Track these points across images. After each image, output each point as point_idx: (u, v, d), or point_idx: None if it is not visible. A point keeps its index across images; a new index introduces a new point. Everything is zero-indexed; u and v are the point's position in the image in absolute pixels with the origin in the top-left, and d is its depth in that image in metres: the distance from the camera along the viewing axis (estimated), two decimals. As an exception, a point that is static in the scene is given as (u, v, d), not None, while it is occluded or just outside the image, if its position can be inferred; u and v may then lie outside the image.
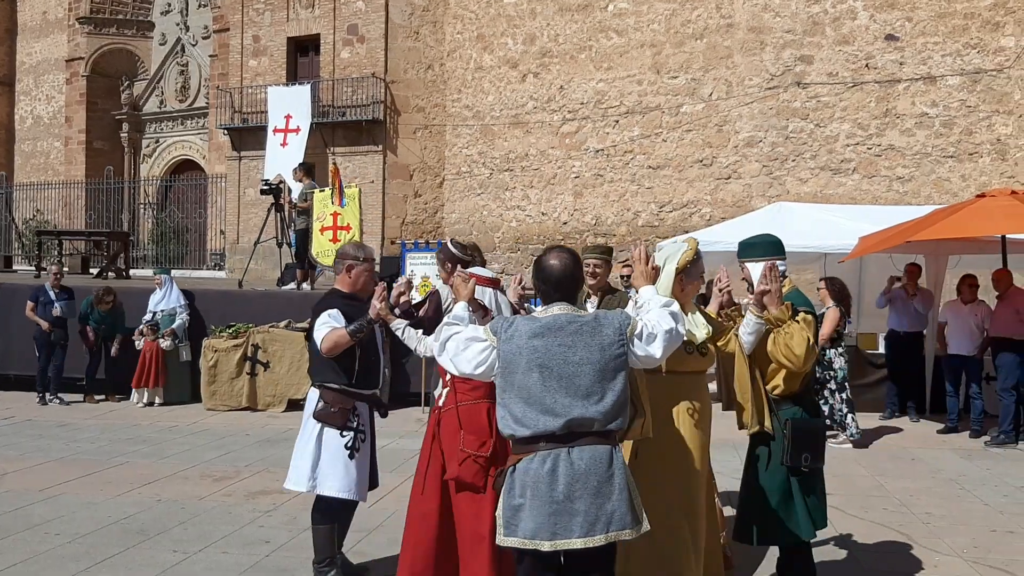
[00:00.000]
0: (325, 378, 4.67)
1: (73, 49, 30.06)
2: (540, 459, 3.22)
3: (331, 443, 4.62)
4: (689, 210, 18.15)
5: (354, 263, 4.84)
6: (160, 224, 27.88)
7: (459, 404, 4.33)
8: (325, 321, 4.59)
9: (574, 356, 3.25)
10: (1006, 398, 9.16)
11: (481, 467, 4.20)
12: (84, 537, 5.64)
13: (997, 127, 15.81)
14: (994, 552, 5.60)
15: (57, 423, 9.71)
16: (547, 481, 3.20)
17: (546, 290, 3.43)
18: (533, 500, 3.20)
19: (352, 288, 4.84)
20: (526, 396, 3.26)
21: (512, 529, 3.24)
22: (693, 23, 18.21)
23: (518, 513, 3.23)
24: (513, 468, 3.28)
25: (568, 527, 3.18)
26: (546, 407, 3.23)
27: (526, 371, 3.25)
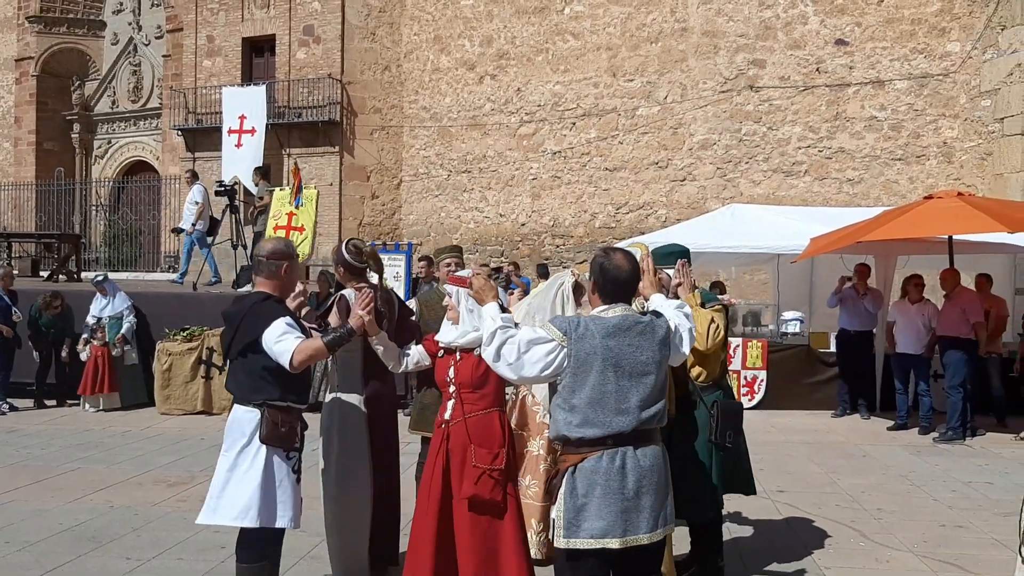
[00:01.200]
0: (270, 395, 4.08)
1: (22, 48, 29.43)
2: (609, 457, 3.23)
3: (279, 468, 4.09)
4: (645, 212, 18.30)
5: (291, 263, 4.27)
6: (113, 226, 27.42)
7: (467, 416, 4.09)
8: (284, 331, 4.01)
9: (642, 356, 3.30)
10: (954, 395, 9.36)
11: (497, 481, 4.00)
12: (34, 545, 5.53)
13: (943, 130, 16.17)
14: (944, 546, 5.73)
15: (6, 429, 9.50)
16: (618, 479, 3.21)
17: (612, 290, 3.39)
18: (604, 498, 3.20)
19: (283, 291, 4.28)
20: (600, 396, 3.25)
21: (575, 530, 3.21)
22: (648, 27, 18.37)
23: (582, 513, 3.21)
24: (574, 468, 3.26)
25: (637, 524, 3.23)
26: (619, 407, 3.25)
27: (601, 371, 3.24)
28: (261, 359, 4.04)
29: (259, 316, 4.06)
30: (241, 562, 4.15)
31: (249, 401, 4.09)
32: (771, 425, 10.09)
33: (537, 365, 3.28)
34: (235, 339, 4.13)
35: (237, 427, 4.11)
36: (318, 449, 4.83)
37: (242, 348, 4.09)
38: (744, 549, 5.59)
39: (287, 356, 3.95)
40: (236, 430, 4.12)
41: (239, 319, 4.12)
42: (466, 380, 4.09)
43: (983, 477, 7.76)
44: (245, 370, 4.12)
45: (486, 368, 3.93)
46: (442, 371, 4.22)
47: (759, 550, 5.60)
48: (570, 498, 3.24)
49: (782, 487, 7.25)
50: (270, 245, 4.38)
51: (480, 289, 3.67)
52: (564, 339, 3.27)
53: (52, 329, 10.87)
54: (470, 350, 4.11)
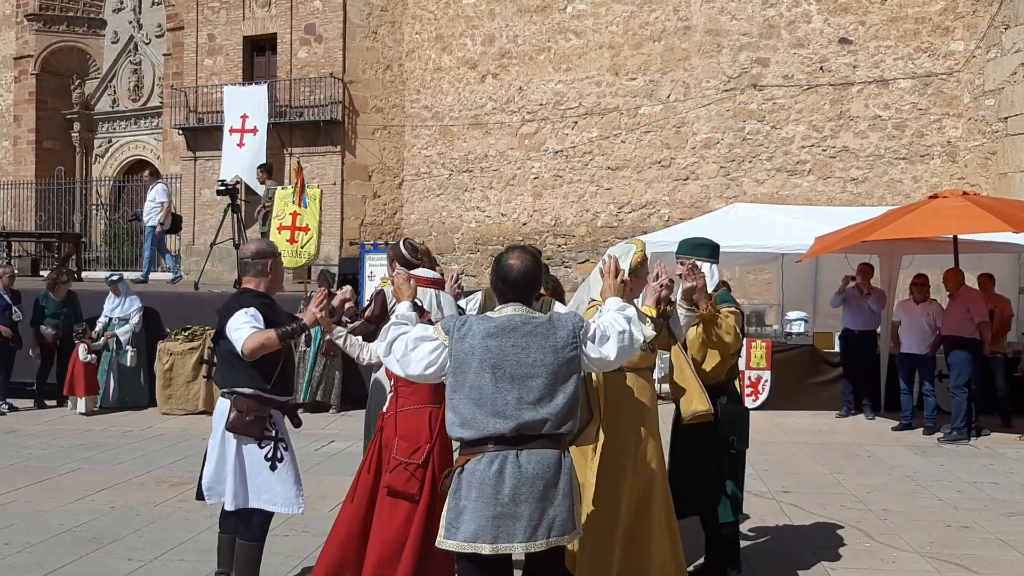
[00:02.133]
0: (237, 382, 4.24)
1: (21, 46, 29.39)
2: (487, 460, 3.19)
3: (250, 455, 4.24)
4: (648, 211, 18.25)
5: (275, 260, 4.49)
6: (113, 225, 27.40)
7: (399, 410, 4.28)
8: (245, 320, 4.18)
9: (527, 358, 3.21)
10: (958, 395, 9.33)
11: (411, 474, 4.16)
12: (35, 546, 5.50)
13: (947, 129, 16.13)
14: (949, 547, 5.70)
15: (6, 429, 9.46)
16: (493, 483, 3.16)
17: (503, 289, 3.38)
18: (478, 502, 3.17)
19: (268, 287, 4.45)
20: (477, 397, 3.21)
21: (453, 531, 3.21)
22: (651, 25, 18.32)
23: (461, 515, 3.20)
24: (461, 469, 3.25)
25: (511, 531, 3.16)
26: (497, 409, 3.19)
27: (478, 371, 3.21)
28: (228, 345, 4.24)
29: (230, 306, 4.31)
30: (239, 538, 4.42)
31: (225, 389, 4.32)
32: (775, 425, 10.05)
33: (422, 363, 3.31)
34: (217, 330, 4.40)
35: (217, 416, 4.35)
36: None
37: (215, 336, 4.40)
38: (748, 549, 5.55)
39: (239, 344, 4.13)
40: (216, 419, 4.35)
41: (223, 309, 4.37)
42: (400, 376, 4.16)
43: (988, 477, 7.73)
44: (221, 359, 4.37)
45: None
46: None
47: (764, 551, 5.57)
48: (453, 499, 3.25)
49: (787, 487, 7.22)
50: (252, 247, 4.59)
51: (398, 288, 3.78)
52: (446, 338, 3.30)
53: (61, 316, 10.76)
54: None
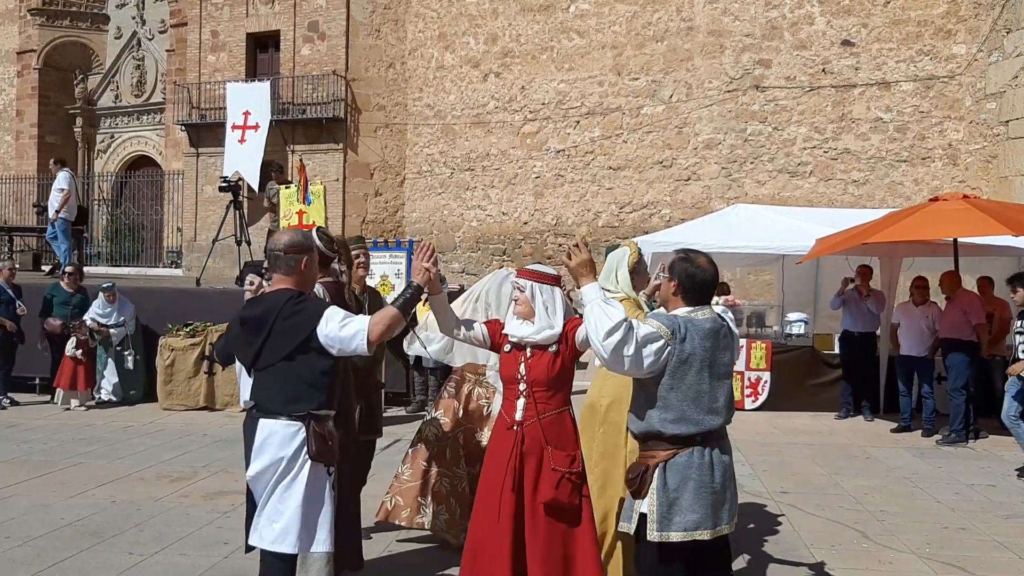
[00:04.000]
0: (317, 404, 3.66)
1: (24, 41, 29.45)
2: (699, 453, 3.39)
3: (322, 487, 3.69)
4: (649, 211, 18.27)
5: (311, 256, 3.90)
6: (115, 221, 27.43)
7: (541, 416, 3.84)
8: (343, 314, 3.65)
9: (725, 359, 3.50)
10: (957, 398, 9.35)
11: (575, 485, 3.82)
12: (36, 540, 5.52)
13: (949, 132, 16.14)
14: (946, 548, 5.72)
15: (7, 424, 9.49)
16: (709, 473, 3.38)
17: (697, 293, 3.50)
18: (697, 492, 3.36)
19: (304, 287, 3.86)
20: (695, 396, 3.38)
21: (667, 523, 3.34)
22: (654, 25, 18.34)
23: (673, 506, 3.35)
24: (664, 464, 3.38)
25: (720, 515, 3.42)
26: (711, 407, 3.42)
27: (699, 371, 3.38)
28: (312, 359, 3.65)
29: (302, 312, 3.67)
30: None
31: (289, 413, 3.64)
32: (775, 426, 10.08)
33: (648, 359, 3.33)
34: (268, 344, 3.69)
35: (276, 443, 3.64)
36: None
37: (289, 351, 3.65)
38: (747, 550, 5.58)
39: (362, 336, 3.58)
40: (274, 447, 3.64)
41: (269, 321, 3.68)
42: (541, 378, 3.87)
43: (986, 479, 7.75)
44: (287, 377, 3.67)
45: (562, 366, 3.90)
46: (511, 367, 3.95)
47: (762, 551, 5.59)
48: (662, 492, 3.36)
49: (785, 488, 7.24)
50: (286, 237, 3.88)
51: (581, 264, 3.49)
52: (671, 338, 3.36)
53: (70, 306, 10.75)
54: (544, 347, 3.90)
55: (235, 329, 3.97)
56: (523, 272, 4.11)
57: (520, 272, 4.14)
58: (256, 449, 3.67)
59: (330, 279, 4.67)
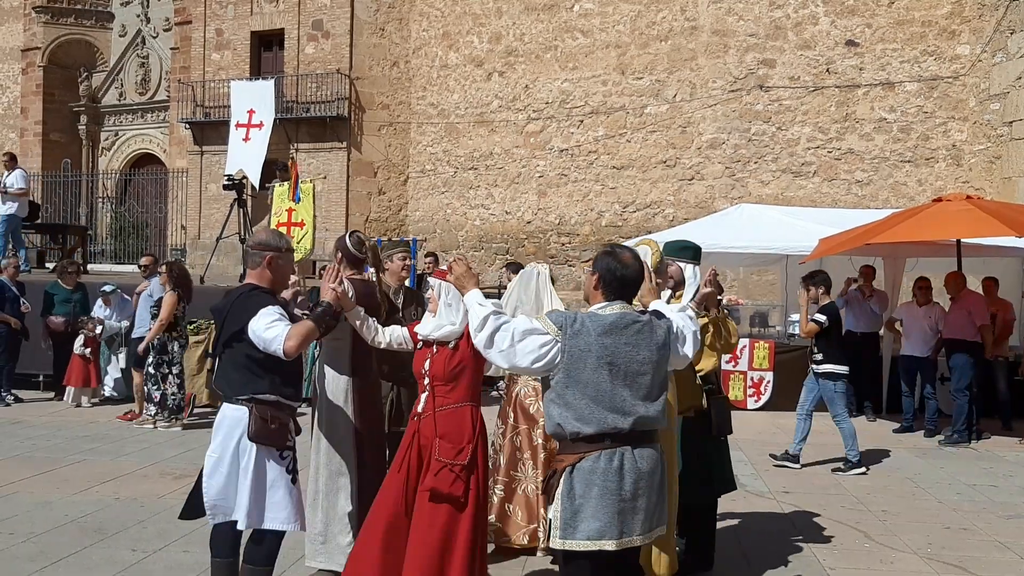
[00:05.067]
0: (258, 389, 3.90)
1: (29, 39, 29.47)
2: (607, 457, 3.22)
3: (271, 469, 3.90)
4: (652, 210, 18.27)
5: (276, 255, 4.11)
6: (119, 218, 27.47)
7: (438, 409, 4.05)
8: (274, 317, 3.86)
9: (638, 355, 3.29)
10: (960, 398, 9.35)
11: (457, 476, 3.95)
12: (39, 536, 5.54)
13: (952, 133, 16.13)
14: (948, 549, 5.72)
15: (11, 420, 9.52)
16: (616, 479, 3.21)
17: (616, 287, 3.38)
18: (601, 499, 3.20)
19: (272, 283, 4.11)
20: (594, 393, 3.24)
21: (571, 531, 3.22)
22: (658, 25, 18.34)
23: (578, 514, 3.21)
24: (571, 468, 3.25)
25: (631, 525, 3.24)
26: (615, 405, 3.24)
27: (595, 368, 3.24)
28: (245, 348, 3.90)
29: (244, 306, 3.94)
30: (253, 564, 4.03)
31: (236, 397, 3.92)
32: (777, 426, 10.08)
33: (530, 356, 3.27)
34: (222, 333, 4.02)
35: (227, 425, 3.94)
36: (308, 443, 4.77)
37: (227, 339, 3.96)
38: (749, 549, 5.59)
39: (279, 341, 3.80)
40: (226, 428, 3.94)
41: (225, 312, 4.00)
42: (439, 373, 4.09)
43: (988, 480, 7.76)
44: (232, 363, 3.97)
45: (459, 362, 4.05)
46: (418, 363, 4.22)
47: (764, 550, 5.60)
48: (567, 499, 3.23)
49: (787, 487, 7.25)
50: (260, 236, 4.26)
51: (460, 276, 3.65)
52: (559, 333, 3.26)
53: (71, 303, 10.77)
54: (445, 343, 4.14)
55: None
56: (436, 272, 4.34)
57: (434, 273, 4.37)
58: (214, 429, 4.02)
59: (358, 277, 4.90)
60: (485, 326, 3.32)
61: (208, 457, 3.99)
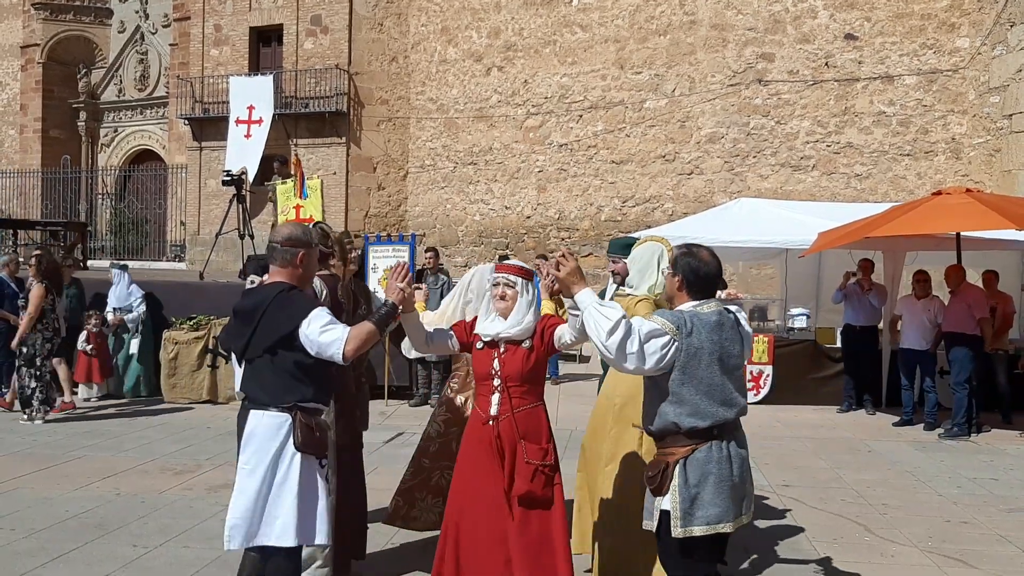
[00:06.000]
0: (303, 396, 3.68)
1: (28, 35, 29.46)
2: (717, 446, 3.44)
3: (316, 479, 3.68)
4: (652, 205, 18.27)
5: (308, 251, 3.87)
6: (119, 214, 27.48)
7: (516, 410, 3.90)
8: (328, 319, 3.62)
9: (734, 349, 3.52)
10: (959, 392, 9.35)
11: (548, 477, 3.88)
12: (40, 532, 5.54)
13: (952, 126, 16.12)
14: (949, 542, 5.73)
15: (11, 416, 9.52)
16: (727, 467, 3.44)
17: (702, 285, 3.53)
18: (718, 486, 3.41)
19: (302, 281, 3.86)
20: (707, 389, 3.42)
21: (690, 519, 3.40)
22: (657, 19, 18.32)
23: (695, 501, 3.40)
24: (684, 460, 3.42)
25: (740, 507, 3.51)
26: (724, 398, 3.45)
27: (708, 364, 3.41)
28: (294, 356, 3.64)
29: (288, 308, 3.66)
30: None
31: (277, 404, 3.66)
32: (777, 420, 10.08)
33: (654, 357, 3.35)
34: (256, 336, 3.70)
35: (263, 435, 3.65)
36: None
37: (271, 345, 3.65)
38: (749, 543, 5.59)
39: (338, 346, 3.56)
40: (261, 438, 3.65)
41: (258, 313, 3.69)
42: (515, 373, 3.91)
43: (988, 473, 7.76)
44: (273, 369, 3.68)
45: (536, 361, 3.94)
46: (484, 364, 3.98)
47: (764, 544, 5.61)
48: (684, 489, 3.40)
49: (787, 482, 7.26)
50: (286, 230, 3.91)
51: (572, 273, 3.51)
52: (677, 332, 3.38)
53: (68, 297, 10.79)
54: (517, 342, 3.94)
55: (230, 320, 3.96)
56: (510, 268, 4.09)
57: (505, 267, 4.10)
58: (245, 439, 3.69)
59: (326, 273, 4.69)
60: (617, 330, 3.31)
61: (240, 469, 3.68)
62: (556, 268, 3.54)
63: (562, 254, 3.56)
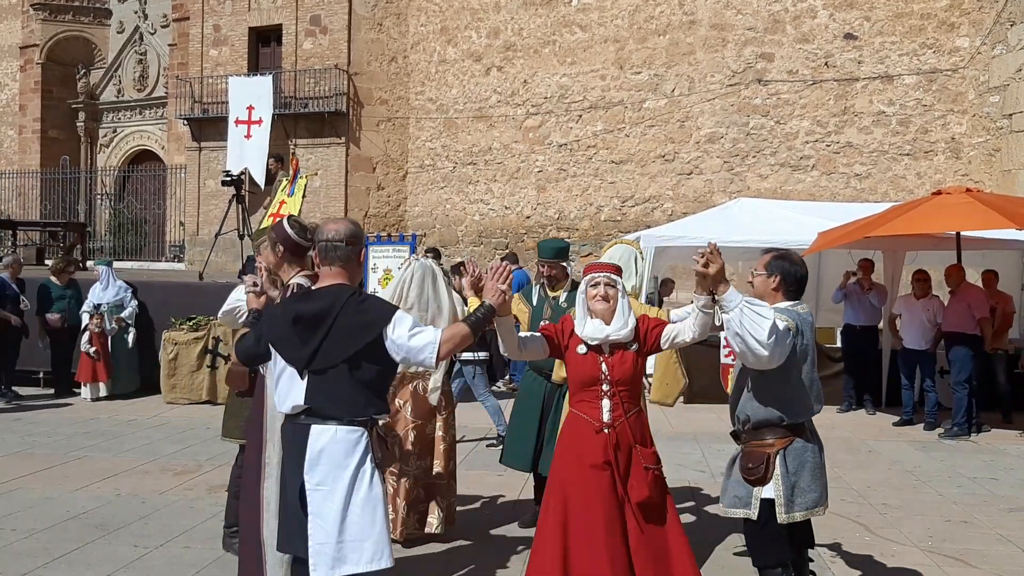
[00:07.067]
0: (378, 408, 3.42)
1: (27, 36, 29.45)
2: (809, 436, 3.76)
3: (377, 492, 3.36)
4: (651, 205, 18.27)
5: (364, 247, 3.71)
6: (118, 215, 27.47)
7: (628, 414, 3.81)
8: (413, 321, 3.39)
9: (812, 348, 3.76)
10: (959, 391, 9.35)
11: (663, 482, 3.84)
12: (41, 532, 5.54)
13: (951, 126, 16.12)
14: (949, 542, 5.73)
15: (12, 417, 9.52)
16: (820, 455, 3.77)
17: (797, 288, 3.83)
18: (813, 473, 3.72)
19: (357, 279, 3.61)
20: (809, 384, 3.72)
21: (792, 505, 3.68)
22: (656, 19, 18.32)
23: (794, 489, 3.68)
24: (783, 451, 3.68)
25: (827, 492, 3.81)
26: (816, 393, 3.76)
27: (810, 362, 3.72)
28: (377, 365, 3.37)
29: (369, 312, 3.38)
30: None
31: (351, 418, 3.34)
32: (776, 419, 10.08)
33: (785, 352, 3.54)
34: (327, 344, 3.35)
35: (339, 452, 3.30)
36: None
37: (353, 354, 3.33)
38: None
39: (432, 350, 3.32)
40: (337, 456, 3.30)
41: (329, 320, 3.35)
42: (626, 377, 3.80)
43: (988, 473, 7.76)
44: (351, 381, 3.34)
45: (643, 364, 3.92)
46: (590, 369, 3.82)
47: (765, 544, 5.61)
48: (785, 478, 3.67)
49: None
50: (343, 228, 3.53)
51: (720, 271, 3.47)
52: (796, 330, 3.63)
53: (66, 299, 10.81)
54: (624, 345, 3.83)
55: (279, 327, 3.49)
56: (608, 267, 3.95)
57: (602, 267, 3.95)
58: (312, 458, 3.31)
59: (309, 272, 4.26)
60: (776, 332, 3.43)
61: (313, 492, 3.30)
62: (705, 265, 3.46)
63: (710, 250, 3.46)
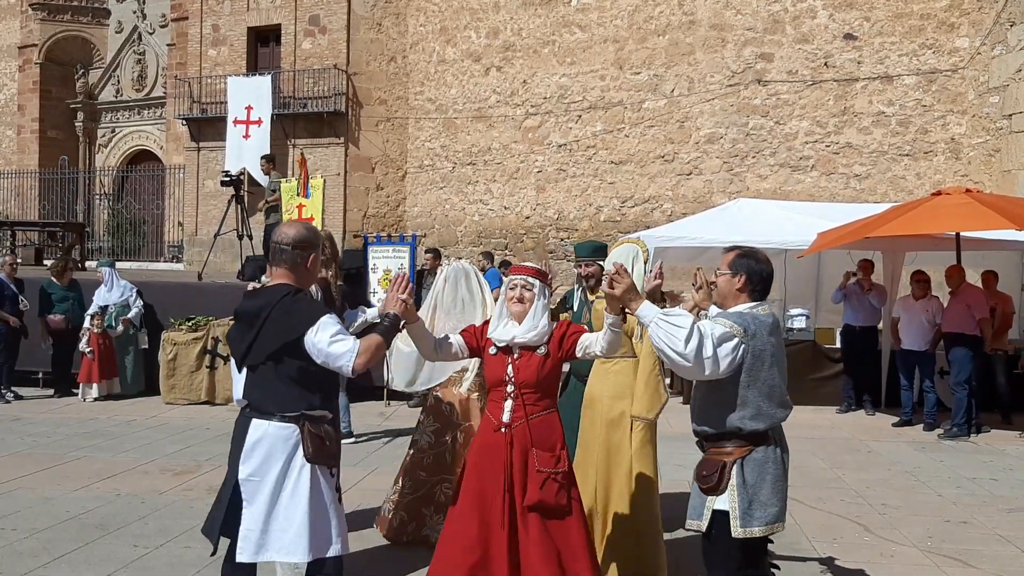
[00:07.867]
0: (311, 404, 3.53)
1: (26, 36, 29.43)
2: (772, 447, 3.47)
3: (326, 490, 3.53)
4: (651, 205, 18.26)
5: (317, 253, 3.74)
6: (116, 215, 27.45)
7: (530, 417, 3.81)
8: (337, 328, 3.46)
9: (783, 352, 3.56)
10: (959, 392, 9.36)
11: (561, 484, 3.77)
12: (41, 532, 5.54)
13: (951, 126, 16.12)
14: (948, 542, 5.73)
15: (11, 417, 9.52)
16: (781, 467, 3.48)
17: (763, 289, 3.57)
18: (774, 486, 3.43)
19: (307, 284, 3.73)
20: (768, 391, 3.44)
21: (749, 519, 3.39)
22: (656, 19, 18.31)
23: (753, 502, 3.40)
24: (740, 461, 3.42)
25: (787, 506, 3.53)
26: (781, 400, 3.49)
27: (770, 367, 3.44)
28: (299, 363, 3.49)
29: (296, 313, 3.49)
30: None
31: (282, 414, 3.49)
32: (776, 420, 10.09)
33: (727, 360, 3.34)
34: (259, 341, 3.53)
35: (270, 446, 3.48)
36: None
37: (275, 351, 3.49)
38: (750, 543, 5.60)
39: (348, 359, 3.42)
40: (268, 450, 3.48)
41: (262, 317, 3.52)
42: (530, 379, 3.82)
43: (988, 473, 7.77)
44: (278, 377, 3.50)
45: (551, 368, 3.86)
46: (497, 370, 3.89)
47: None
48: (742, 489, 3.40)
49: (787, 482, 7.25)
50: (293, 231, 3.68)
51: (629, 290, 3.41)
52: (744, 335, 3.37)
53: (68, 300, 10.82)
54: (532, 348, 3.86)
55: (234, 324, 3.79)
56: (528, 269, 3.99)
57: (523, 269, 4.01)
58: (247, 450, 3.51)
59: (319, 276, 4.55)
60: (692, 337, 3.27)
61: (245, 482, 3.50)
62: (610, 286, 3.43)
63: (616, 271, 3.44)
